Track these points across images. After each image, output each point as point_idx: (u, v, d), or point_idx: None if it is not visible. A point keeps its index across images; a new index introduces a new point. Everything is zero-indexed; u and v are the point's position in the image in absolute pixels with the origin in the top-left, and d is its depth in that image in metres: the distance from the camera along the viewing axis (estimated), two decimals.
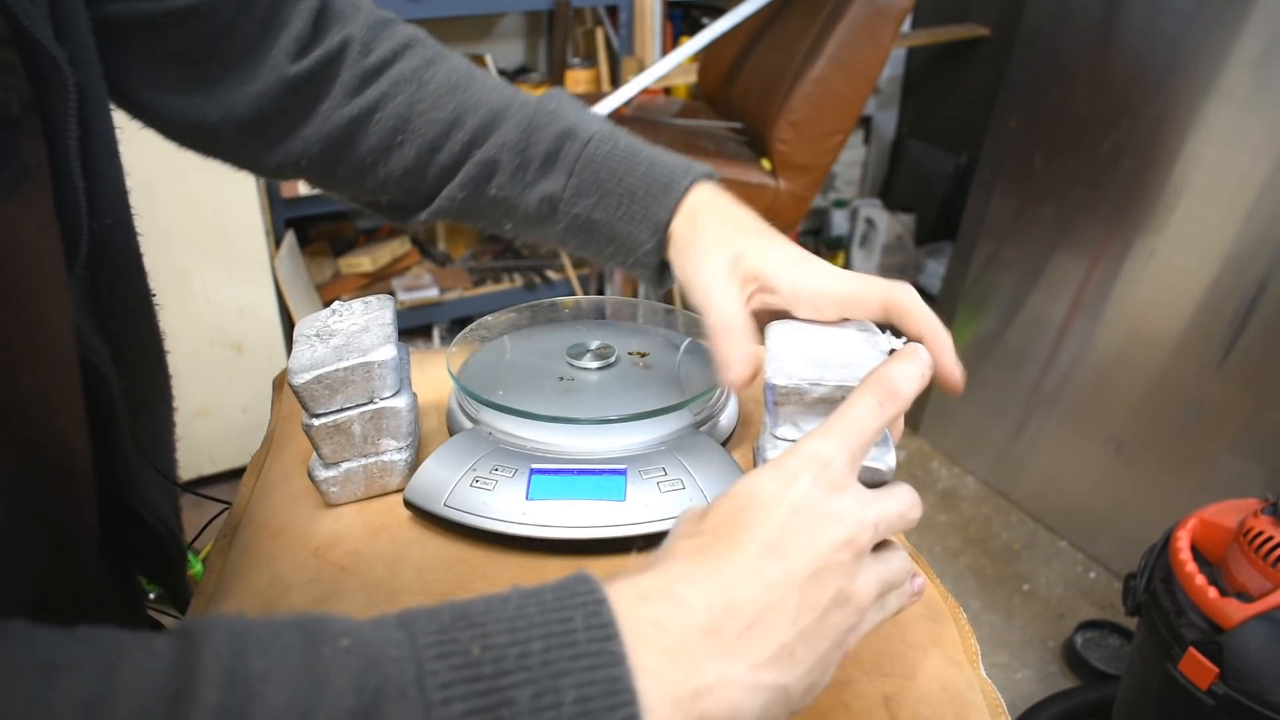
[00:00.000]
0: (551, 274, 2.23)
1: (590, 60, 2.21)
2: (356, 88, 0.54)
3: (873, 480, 0.44)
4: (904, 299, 0.46)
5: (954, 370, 0.44)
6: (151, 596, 0.59)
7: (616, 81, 2.20)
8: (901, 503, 0.36)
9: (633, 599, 0.29)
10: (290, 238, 1.94)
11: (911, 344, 0.40)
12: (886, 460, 0.44)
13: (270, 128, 0.54)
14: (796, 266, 0.49)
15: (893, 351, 0.46)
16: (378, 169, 0.55)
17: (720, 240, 0.50)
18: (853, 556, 0.33)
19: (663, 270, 0.54)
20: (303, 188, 1.85)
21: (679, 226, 0.52)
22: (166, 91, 0.52)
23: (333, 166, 0.56)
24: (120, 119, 0.49)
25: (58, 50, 0.40)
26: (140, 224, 0.50)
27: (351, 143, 0.55)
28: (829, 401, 0.44)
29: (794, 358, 0.45)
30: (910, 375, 0.37)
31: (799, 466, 0.33)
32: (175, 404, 0.57)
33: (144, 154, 0.50)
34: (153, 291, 0.52)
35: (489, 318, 0.67)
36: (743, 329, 0.48)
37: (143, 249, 0.51)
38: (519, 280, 2.21)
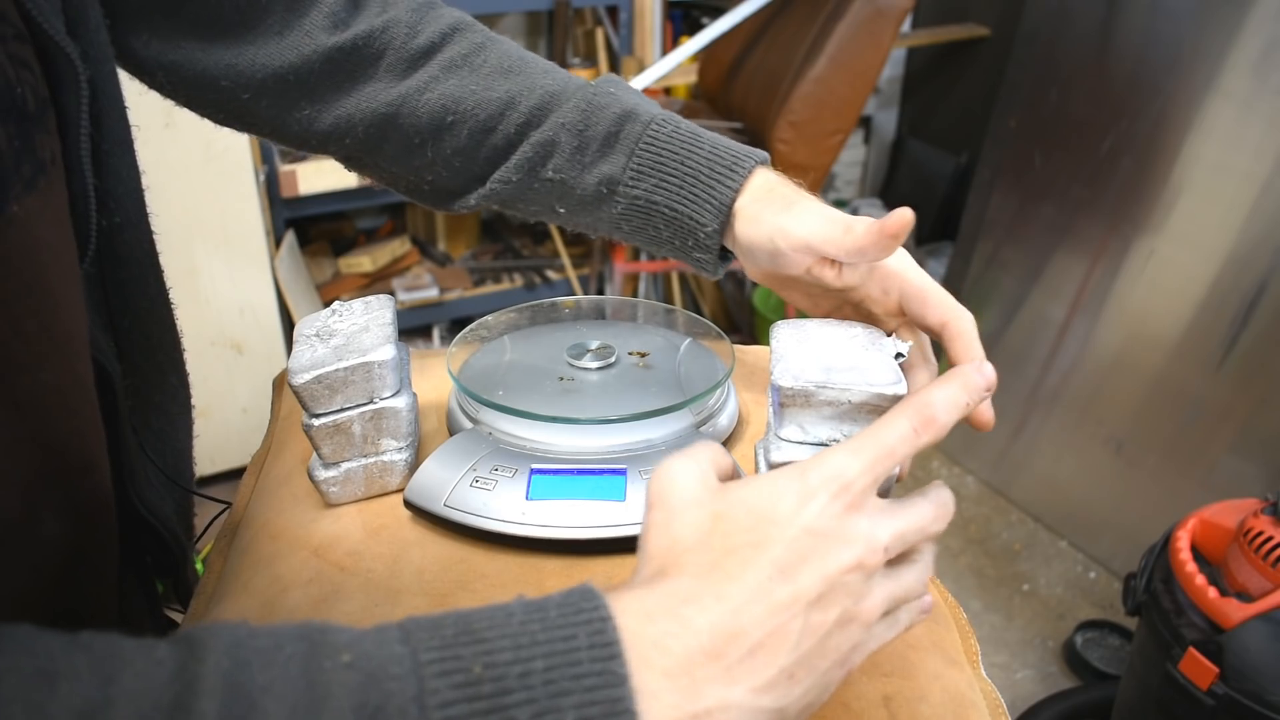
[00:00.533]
0: (551, 274, 2.23)
1: (590, 60, 2.21)
2: (404, 70, 0.54)
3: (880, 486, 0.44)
4: (965, 325, 0.47)
5: (987, 410, 0.44)
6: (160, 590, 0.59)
7: None
8: (920, 518, 0.34)
9: (638, 618, 0.29)
10: (290, 238, 1.94)
11: (963, 366, 0.38)
12: None
13: (305, 97, 0.54)
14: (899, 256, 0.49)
15: (899, 356, 0.46)
16: (426, 149, 0.55)
17: (816, 204, 0.49)
18: (862, 578, 0.32)
19: (722, 256, 0.54)
20: (303, 187, 1.85)
21: (745, 204, 0.51)
22: (189, 45, 0.53)
23: (378, 145, 0.56)
24: (135, 119, 0.49)
25: (70, 46, 0.40)
26: None
27: (398, 122, 0.54)
28: (835, 404, 0.44)
29: (801, 360, 0.45)
30: (952, 403, 0.36)
31: (819, 484, 0.32)
32: (193, 404, 0.57)
33: (145, 154, 0.50)
34: (169, 288, 0.52)
35: (489, 318, 0.67)
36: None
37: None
38: (519, 280, 2.21)
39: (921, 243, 2.74)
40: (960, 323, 0.47)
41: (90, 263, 0.44)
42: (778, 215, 0.49)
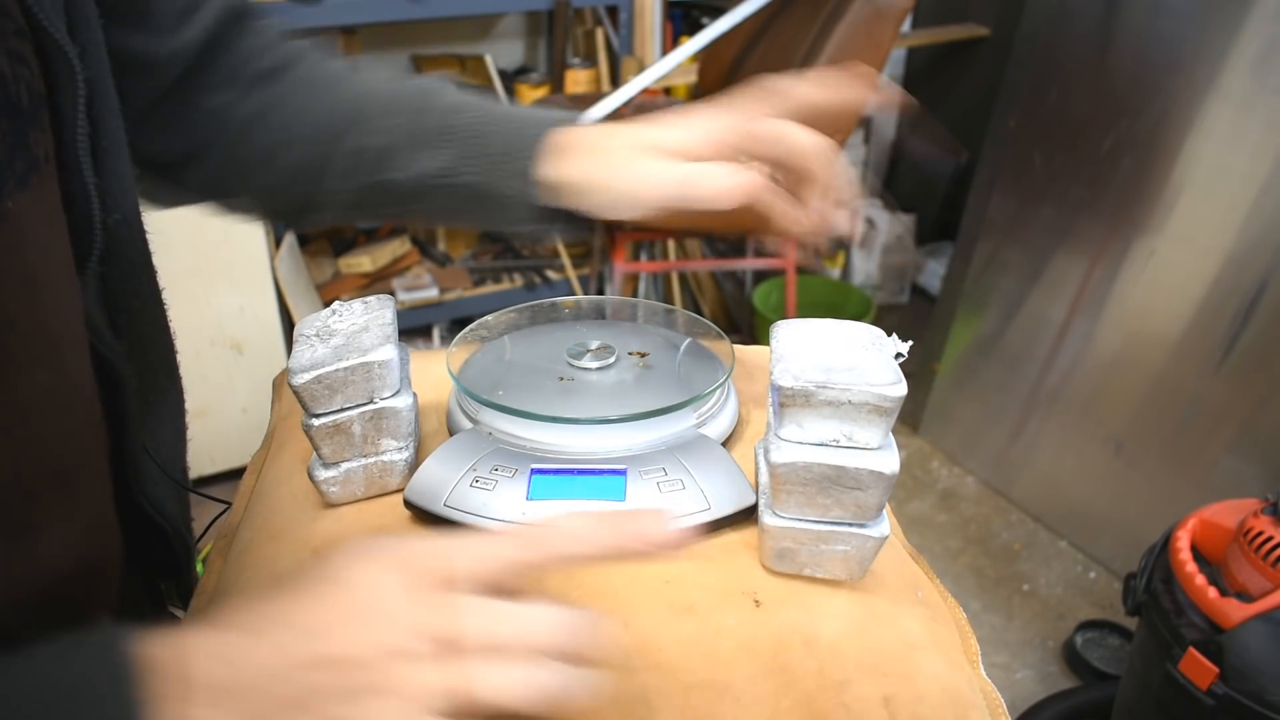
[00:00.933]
0: (551, 274, 2.23)
1: (590, 60, 2.21)
2: (245, 89, 0.55)
3: (875, 483, 0.45)
4: (824, 157, 0.50)
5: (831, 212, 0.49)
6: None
7: (616, 81, 2.20)
8: (521, 622, 0.32)
9: (171, 648, 0.30)
10: (290, 238, 1.94)
11: (640, 515, 0.35)
12: (889, 463, 0.44)
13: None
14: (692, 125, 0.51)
15: (899, 356, 0.46)
16: (268, 169, 0.56)
17: (620, 151, 0.51)
18: (404, 663, 0.31)
19: (556, 219, 0.55)
20: None
21: (555, 164, 0.52)
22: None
23: (220, 167, 0.56)
24: None
25: (69, 45, 0.40)
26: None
27: (241, 142, 0.55)
28: (835, 404, 0.44)
29: (800, 360, 0.45)
30: (585, 539, 0.34)
31: (405, 562, 0.33)
32: (186, 406, 0.57)
33: None
34: (162, 287, 0.52)
35: (489, 318, 0.67)
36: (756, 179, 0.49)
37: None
38: (519, 280, 2.21)
39: (922, 243, 2.74)
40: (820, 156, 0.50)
41: (98, 260, 0.44)
42: (609, 184, 0.51)
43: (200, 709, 0.29)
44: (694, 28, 2.41)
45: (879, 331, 0.48)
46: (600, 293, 2.23)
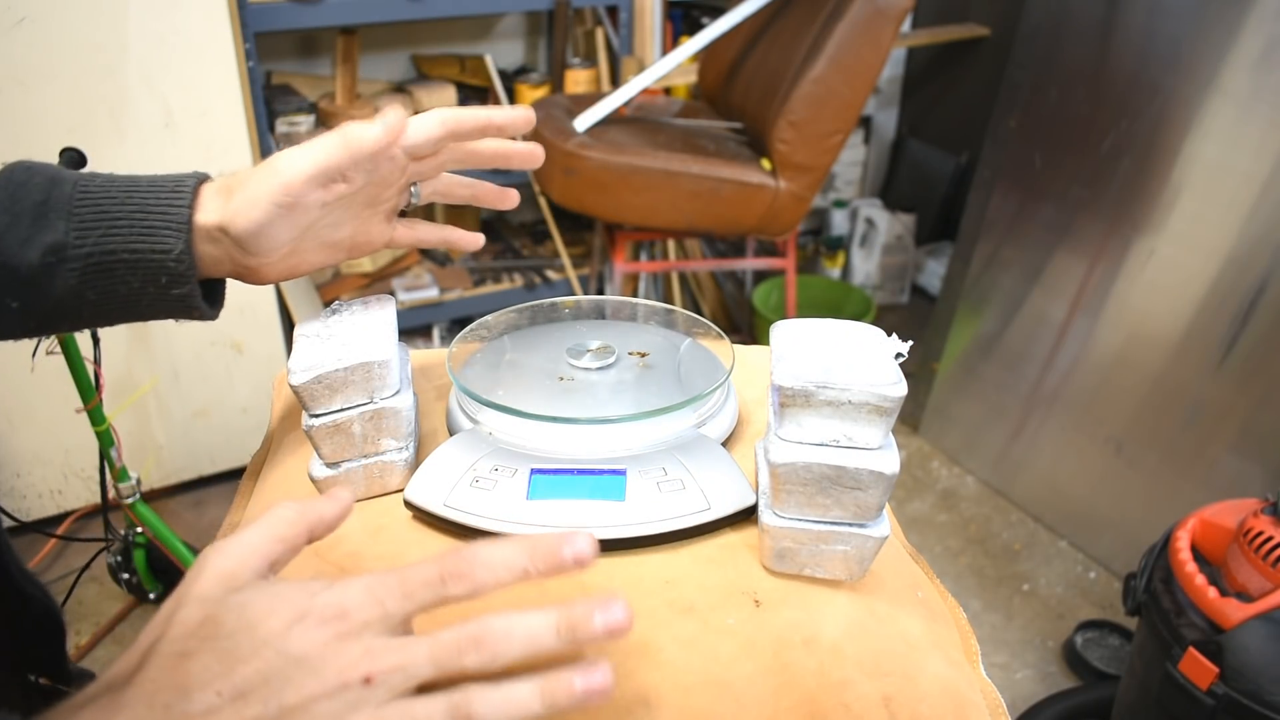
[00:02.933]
0: (551, 274, 2.23)
1: (590, 60, 2.21)
2: None
3: (875, 483, 0.45)
4: (451, 112, 0.51)
5: (525, 112, 0.53)
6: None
7: (616, 81, 2.20)
8: (430, 652, 0.33)
9: None
10: None
11: (549, 537, 0.35)
12: (889, 463, 0.44)
13: None
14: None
15: (899, 356, 0.46)
16: None
17: (278, 157, 0.49)
18: (340, 706, 0.31)
19: (210, 294, 0.52)
20: None
21: (217, 208, 0.48)
22: None
23: None
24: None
25: None
26: None
27: None
28: (835, 404, 0.44)
29: (801, 359, 0.45)
30: (501, 564, 0.34)
31: (315, 608, 0.33)
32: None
33: (144, 153, 0.50)
34: None
35: (489, 318, 0.67)
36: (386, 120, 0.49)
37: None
38: (519, 280, 2.21)
39: (921, 243, 2.74)
40: (446, 119, 0.51)
41: None
42: (266, 182, 0.48)
43: None
44: (694, 28, 2.41)
45: (879, 331, 0.48)
46: (600, 293, 2.23)
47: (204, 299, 0.51)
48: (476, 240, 0.61)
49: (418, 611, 0.34)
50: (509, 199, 0.59)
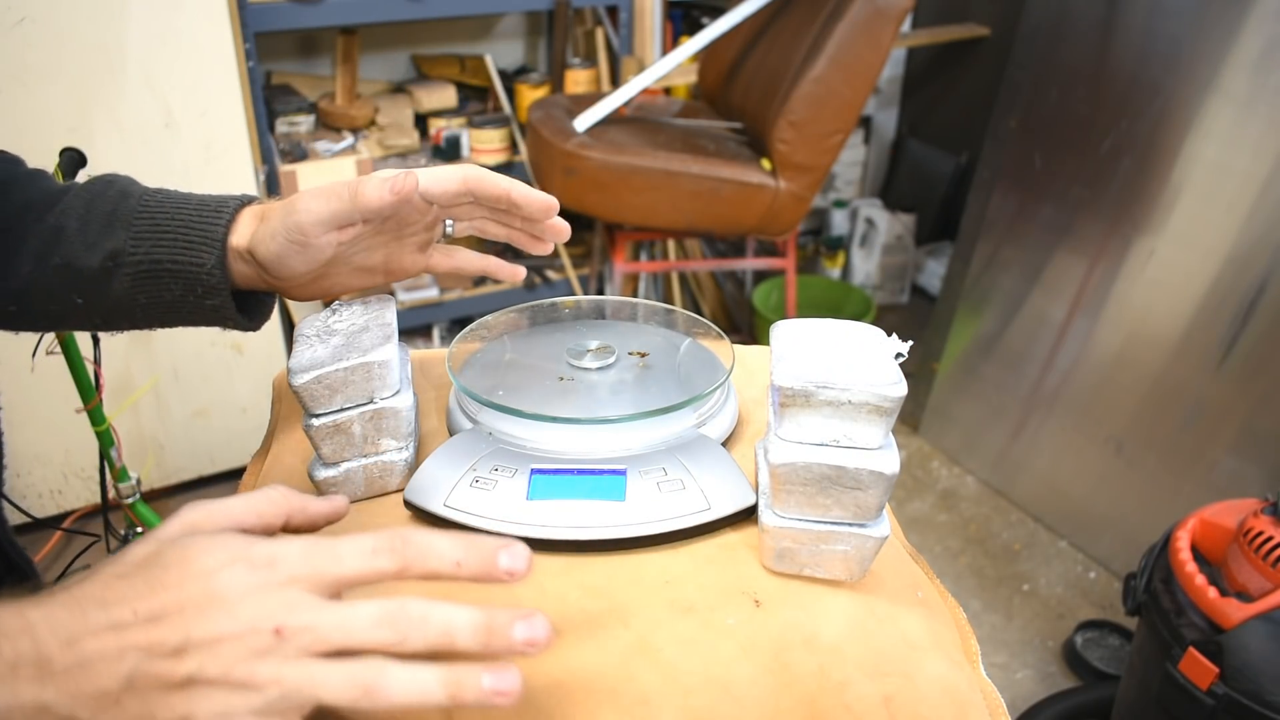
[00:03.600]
0: (551, 274, 2.23)
1: (590, 60, 2.21)
2: None
3: (875, 483, 0.45)
4: (473, 171, 0.54)
5: (547, 200, 0.55)
6: None
7: (616, 81, 2.20)
8: (355, 621, 0.33)
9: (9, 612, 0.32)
10: None
11: (494, 542, 0.35)
12: (889, 463, 0.44)
13: None
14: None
15: (899, 356, 0.46)
16: None
17: (309, 196, 0.53)
18: (243, 652, 0.32)
19: (247, 307, 0.57)
20: (303, 187, 1.84)
21: (249, 233, 0.54)
22: None
23: None
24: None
25: None
26: None
27: None
28: (835, 404, 0.44)
29: (801, 359, 0.45)
30: (437, 553, 0.35)
31: (249, 554, 0.34)
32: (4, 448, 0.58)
33: (144, 154, 0.51)
34: None
35: (489, 318, 0.67)
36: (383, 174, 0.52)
37: None
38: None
39: (921, 243, 2.74)
40: (469, 178, 0.55)
41: None
42: (283, 220, 0.52)
43: (26, 685, 0.31)
44: (694, 28, 2.41)
45: (879, 331, 0.48)
46: (600, 293, 2.23)
47: (243, 312, 0.57)
48: (517, 273, 0.62)
49: (348, 579, 0.34)
50: (544, 246, 0.60)
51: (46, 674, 0.31)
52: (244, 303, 0.58)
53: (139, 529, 1.46)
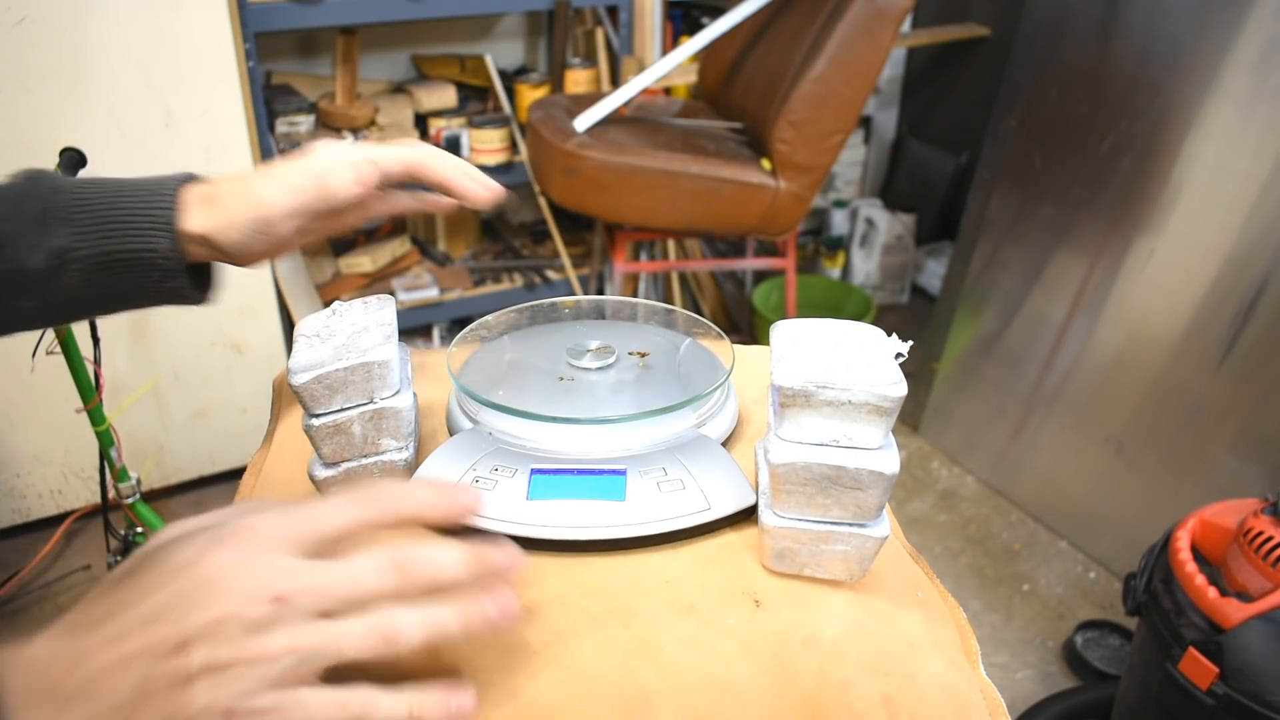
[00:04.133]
0: (551, 274, 2.23)
1: (590, 60, 2.21)
2: None
3: (875, 483, 0.45)
4: (421, 156, 0.55)
5: (489, 182, 0.56)
6: None
7: (616, 81, 2.20)
8: (351, 574, 0.34)
9: (17, 651, 0.32)
10: None
11: (456, 490, 0.38)
12: (889, 463, 0.44)
13: None
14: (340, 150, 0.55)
15: (899, 356, 0.46)
16: None
17: (255, 178, 0.53)
18: (242, 629, 0.32)
19: (198, 280, 0.56)
20: None
21: (196, 214, 0.53)
22: None
23: None
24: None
25: None
26: None
27: None
28: (835, 404, 0.44)
29: (801, 359, 0.45)
30: (411, 501, 0.36)
31: (227, 534, 0.34)
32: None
33: (144, 153, 0.51)
34: None
35: (489, 318, 0.67)
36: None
37: None
38: (519, 280, 2.21)
39: (921, 243, 2.74)
40: (413, 162, 0.55)
41: None
42: (245, 213, 0.52)
43: (43, 717, 0.30)
44: (694, 28, 2.41)
45: (879, 331, 0.48)
46: (600, 293, 2.23)
47: (195, 287, 0.56)
48: (445, 204, 0.62)
49: (331, 535, 0.35)
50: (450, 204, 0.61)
51: (60, 702, 0.31)
52: (194, 277, 0.56)
53: (139, 529, 1.46)
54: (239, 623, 0.32)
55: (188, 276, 0.54)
